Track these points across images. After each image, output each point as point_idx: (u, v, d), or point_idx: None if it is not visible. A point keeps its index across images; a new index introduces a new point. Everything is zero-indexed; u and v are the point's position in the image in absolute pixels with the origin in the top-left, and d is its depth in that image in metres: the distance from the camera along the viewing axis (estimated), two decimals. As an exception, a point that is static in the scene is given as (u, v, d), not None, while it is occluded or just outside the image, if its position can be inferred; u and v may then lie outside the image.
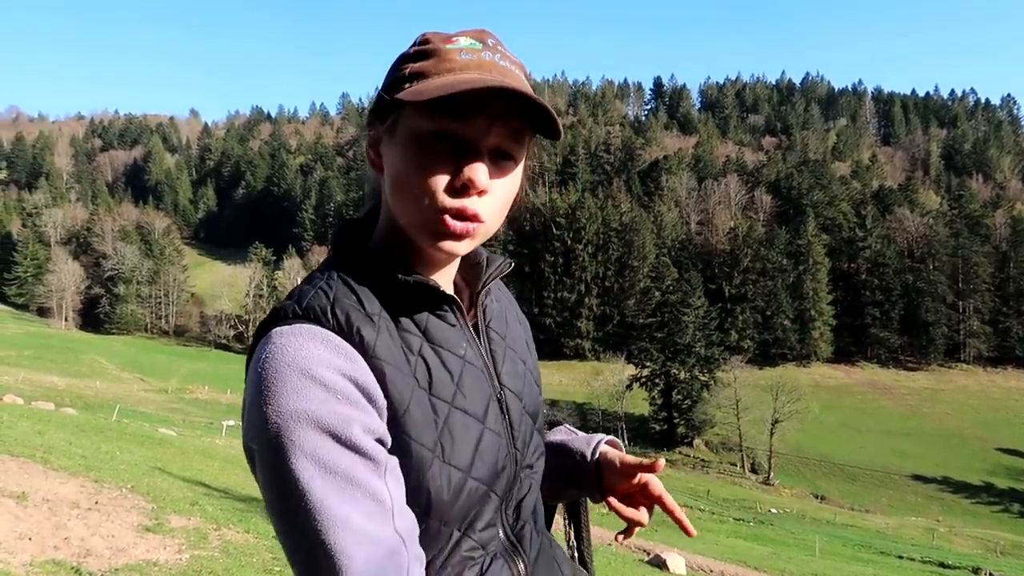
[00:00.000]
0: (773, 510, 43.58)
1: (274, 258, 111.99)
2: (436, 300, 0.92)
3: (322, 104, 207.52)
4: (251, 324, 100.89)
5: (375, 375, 0.84)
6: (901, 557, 28.85)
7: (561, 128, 0.88)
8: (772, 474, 57.77)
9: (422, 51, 0.89)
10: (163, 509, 7.46)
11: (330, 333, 0.83)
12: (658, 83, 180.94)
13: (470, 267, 1.04)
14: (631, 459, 1.15)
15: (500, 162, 0.89)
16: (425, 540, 0.86)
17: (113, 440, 15.10)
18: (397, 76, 0.89)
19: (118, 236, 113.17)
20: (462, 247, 0.90)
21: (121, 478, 8.88)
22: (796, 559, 21.61)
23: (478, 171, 0.86)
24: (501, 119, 0.86)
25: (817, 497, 53.54)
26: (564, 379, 75.42)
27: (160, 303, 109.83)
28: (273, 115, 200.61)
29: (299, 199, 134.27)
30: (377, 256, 0.93)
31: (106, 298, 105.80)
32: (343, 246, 0.96)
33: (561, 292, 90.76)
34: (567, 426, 1.29)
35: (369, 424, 0.81)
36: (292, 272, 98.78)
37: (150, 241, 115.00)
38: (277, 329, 0.84)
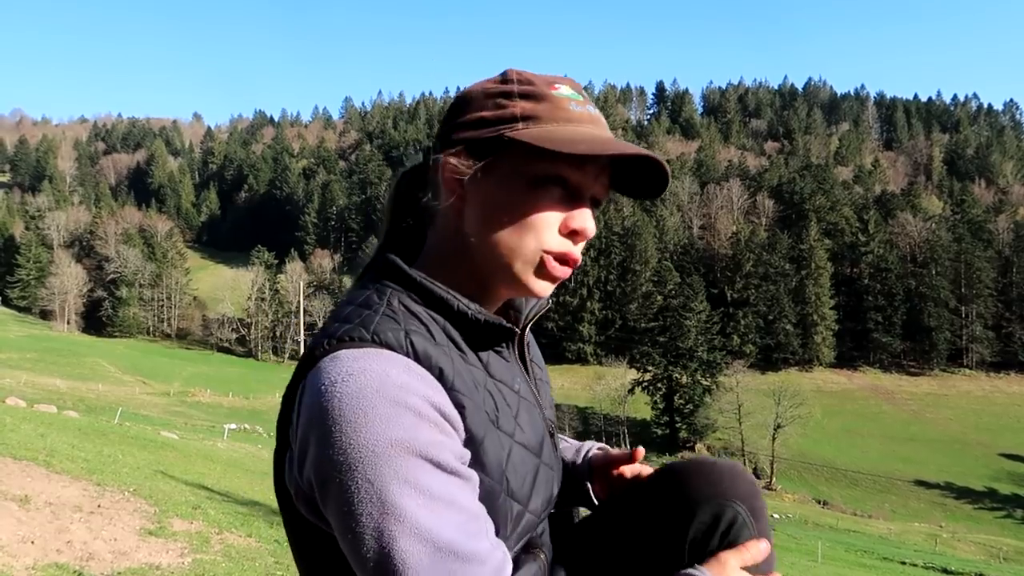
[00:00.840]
0: (775, 515, 43.45)
1: (276, 261, 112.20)
2: (501, 336, 0.94)
3: (325, 108, 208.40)
4: (253, 327, 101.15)
5: (455, 407, 0.83)
6: (904, 563, 28.76)
7: (666, 184, 0.92)
8: (774, 479, 57.68)
9: (529, 92, 0.89)
10: (165, 513, 7.47)
11: (411, 361, 0.82)
12: (660, 88, 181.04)
13: (511, 301, 1.05)
14: (617, 452, 1.18)
15: (594, 210, 0.92)
16: None
17: (115, 443, 15.10)
18: (504, 113, 0.88)
19: (121, 239, 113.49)
20: (551, 290, 0.92)
21: (123, 481, 8.88)
22: (798, 565, 21.54)
23: (589, 219, 0.89)
24: (606, 171, 0.90)
25: (819, 502, 53.45)
26: (566, 383, 75.39)
27: (162, 306, 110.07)
28: (276, 119, 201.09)
29: (301, 203, 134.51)
30: (437, 287, 0.91)
31: (108, 301, 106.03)
32: (401, 273, 0.92)
33: (563, 296, 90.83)
34: (563, 437, 1.26)
35: (456, 450, 0.80)
36: (294, 275, 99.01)
37: (152, 244, 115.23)
38: (348, 352, 0.81)
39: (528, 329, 1.06)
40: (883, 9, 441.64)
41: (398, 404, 0.76)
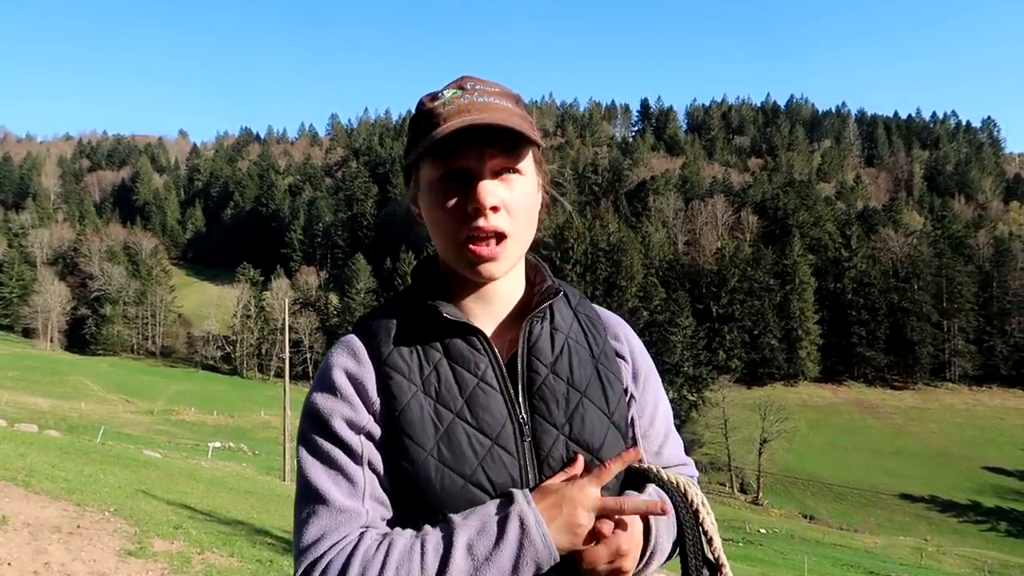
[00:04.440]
0: (762, 530, 43.54)
1: (262, 278, 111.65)
2: (457, 327, 1.07)
3: (311, 125, 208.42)
4: (238, 345, 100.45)
5: (379, 378, 1.04)
6: (889, 577, 28.88)
7: (532, 134, 1.02)
8: (761, 494, 57.75)
9: (418, 115, 1.07)
10: (146, 533, 7.43)
11: (359, 341, 1.08)
12: (645, 105, 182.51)
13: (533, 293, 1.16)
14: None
15: (505, 176, 1.03)
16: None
17: (97, 462, 14.99)
18: (409, 143, 1.07)
19: (105, 257, 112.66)
20: (498, 268, 1.04)
21: (104, 501, 8.83)
22: (784, 579, 21.60)
23: (480, 192, 1.00)
24: (491, 144, 1.01)
25: (806, 517, 53.53)
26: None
27: (147, 324, 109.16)
28: (262, 136, 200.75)
29: (287, 219, 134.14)
30: (424, 286, 1.12)
31: (92, 319, 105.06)
32: (414, 276, 1.16)
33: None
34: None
35: (354, 418, 1.02)
36: (280, 292, 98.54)
37: (137, 262, 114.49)
38: (340, 340, 1.12)
39: (547, 321, 1.13)
40: (863, 28, 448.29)
41: (325, 380, 1.05)
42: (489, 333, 1.08)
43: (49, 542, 6.37)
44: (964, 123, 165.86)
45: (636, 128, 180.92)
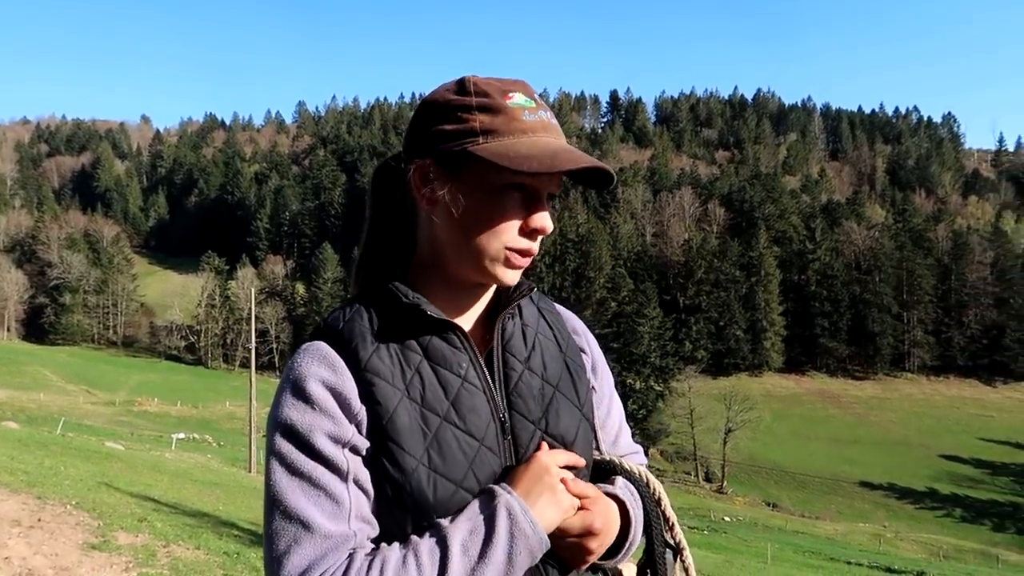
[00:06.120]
0: (726, 518, 44.23)
1: (227, 267, 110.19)
2: (437, 325, 1.02)
3: (278, 112, 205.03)
4: (203, 335, 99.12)
5: (360, 386, 0.96)
6: (849, 563, 29.53)
7: (615, 181, 1.04)
8: (725, 482, 58.65)
9: (486, 105, 0.99)
10: (110, 526, 7.31)
11: (330, 350, 0.98)
12: (614, 96, 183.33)
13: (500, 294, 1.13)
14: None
15: (550, 203, 1.05)
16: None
17: (57, 455, 14.70)
18: (465, 127, 0.98)
19: (64, 244, 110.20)
20: (517, 277, 1.04)
21: (65, 494, 8.67)
22: (749, 566, 21.98)
23: (547, 218, 1.01)
24: (559, 174, 1.00)
25: (769, 505, 54.51)
26: (521, 389, 75.44)
27: (108, 313, 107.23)
28: (227, 122, 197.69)
29: (253, 208, 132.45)
30: (394, 284, 1.03)
31: (51, 308, 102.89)
32: (372, 274, 1.09)
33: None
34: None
35: (337, 433, 0.94)
36: (245, 282, 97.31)
37: (98, 249, 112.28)
38: (302, 346, 1.00)
39: (518, 318, 1.12)
40: (828, 24, 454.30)
41: (293, 390, 0.95)
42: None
43: (9, 536, 6.24)
44: (925, 119, 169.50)
45: (605, 119, 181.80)
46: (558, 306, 1.23)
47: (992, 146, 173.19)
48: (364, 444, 0.95)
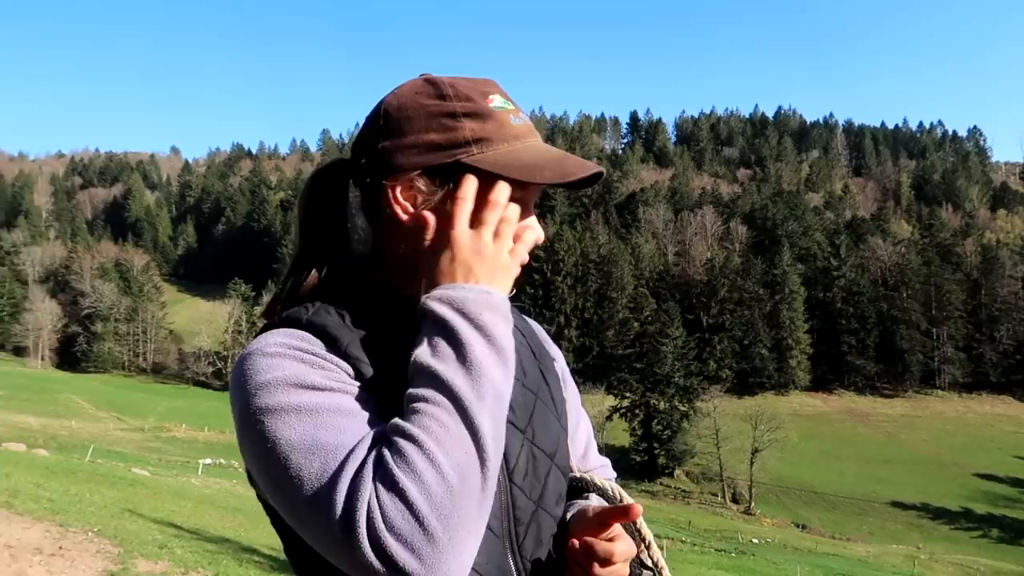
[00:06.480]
0: (755, 540, 43.57)
1: (253, 294, 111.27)
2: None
3: (303, 140, 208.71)
4: (230, 360, 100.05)
5: (345, 359, 0.87)
6: (880, 585, 29.00)
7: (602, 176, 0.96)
8: (753, 503, 57.80)
9: (471, 111, 0.91)
10: (130, 553, 7.50)
11: (303, 332, 0.88)
12: (634, 117, 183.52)
13: None
14: (600, 509, 1.02)
15: (536, 210, 0.99)
16: None
17: (83, 481, 15.03)
18: (453, 136, 0.90)
19: (96, 274, 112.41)
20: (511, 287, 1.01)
21: (88, 521, 8.91)
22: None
23: (537, 226, 0.96)
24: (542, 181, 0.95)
25: (798, 526, 53.57)
26: (545, 411, 75.09)
27: (138, 340, 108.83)
28: (254, 151, 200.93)
29: (279, 235, 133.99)
30: (367, 279, 0.98)
31: (83, 336, 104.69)
32: (331, 279, 1.01)
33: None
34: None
35: (333, 375, 0.84)
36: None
37: (128, 278, 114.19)
38: (253, 340, 0.90)
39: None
40: (850, 39, 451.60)
41: (269, 355, 0.83)
42: None
43: (30, 564, 6.45)
44: (951, 133, 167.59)
45: (625, 140, 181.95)
46: (523, 316, 1.17)
47: (1020, 159, 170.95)
48: (356, 386, 0.85)
